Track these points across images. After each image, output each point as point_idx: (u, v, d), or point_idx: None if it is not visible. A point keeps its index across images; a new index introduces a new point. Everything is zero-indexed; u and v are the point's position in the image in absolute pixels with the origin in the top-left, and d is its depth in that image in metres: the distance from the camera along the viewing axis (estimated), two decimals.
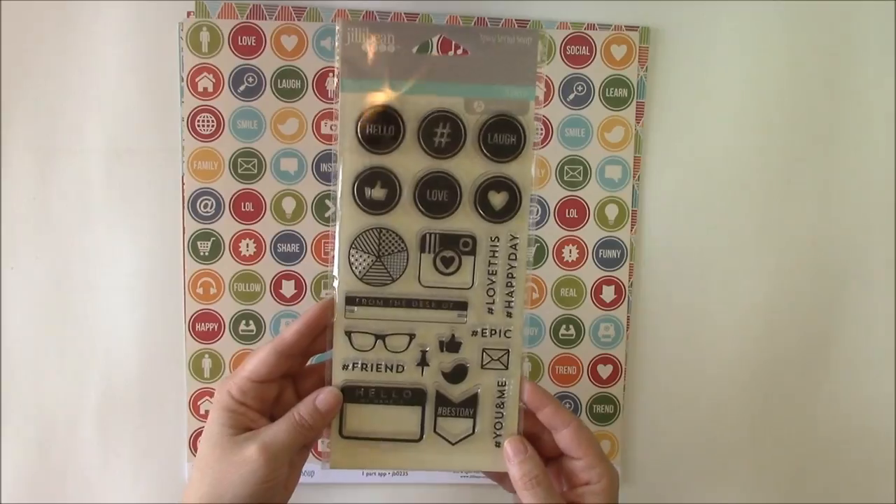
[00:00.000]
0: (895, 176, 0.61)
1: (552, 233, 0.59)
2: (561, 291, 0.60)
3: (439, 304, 0.44)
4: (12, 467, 0.59)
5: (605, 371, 0.61)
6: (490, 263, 0.44)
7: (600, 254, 0.60)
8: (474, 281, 0.44)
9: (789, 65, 0.59)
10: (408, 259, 0.44)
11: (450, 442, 0.45)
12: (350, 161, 0.43)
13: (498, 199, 0.44)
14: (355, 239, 0.44)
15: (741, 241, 0.61)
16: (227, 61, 0.56)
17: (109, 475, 0.60)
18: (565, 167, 0.59)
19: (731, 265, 0.61)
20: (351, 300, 0.44)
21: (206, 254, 0.58)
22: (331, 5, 0.57)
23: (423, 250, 0.44)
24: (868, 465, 0.64)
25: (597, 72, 0.58)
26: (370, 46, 0.42)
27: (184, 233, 0.58)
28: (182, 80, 0.57)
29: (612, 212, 0.59)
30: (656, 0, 0.58)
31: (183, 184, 0.58)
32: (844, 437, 0.63)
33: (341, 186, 0.43)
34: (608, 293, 0.60)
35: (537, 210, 0.59)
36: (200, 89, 0.57)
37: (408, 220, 0.44)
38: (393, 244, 0.44)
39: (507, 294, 0.44)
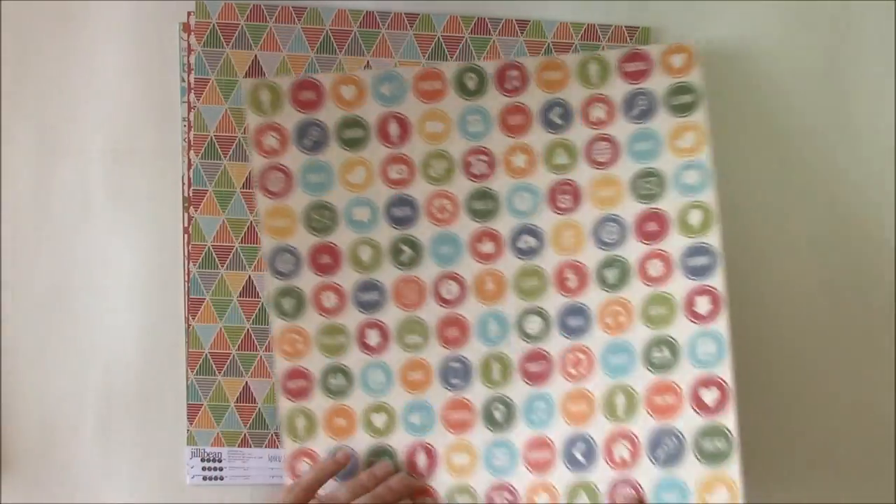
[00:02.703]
0: (895, 176, 0.60)
1: (633, 250, 0.57)
2: (650, 310, 0.57)
3: None
4: (13, 467, 0.59)
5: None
6: None
7: (688, 262, 0.57)
8: None
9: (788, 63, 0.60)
10: None
11: None
12: None
13: None
14: None
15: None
16: (290, 117, 0.57)
17: (109, 475, 0.60)
18: (638, 181, 0.58)
19: None
20: None
21: (291, 310, 0.57)
22: (331, 5, 0.58)
23: None
24: (868, 465, 0.63)
25: (658, 83, 0.57)
26: None
27: (184, 231, 0.58)
28: (182, 80, 0.58)
29: (695, 217, 0.57)
30: (656, 0, 0.59)
31: (183, 184, 0.58)
32: (844, 437, 0.62)
33: None
34: (702, 304, 0.57)
35: (616, 229, 0.58)
36: (267, 148, 0.57)
37: None
38: None
39: None
